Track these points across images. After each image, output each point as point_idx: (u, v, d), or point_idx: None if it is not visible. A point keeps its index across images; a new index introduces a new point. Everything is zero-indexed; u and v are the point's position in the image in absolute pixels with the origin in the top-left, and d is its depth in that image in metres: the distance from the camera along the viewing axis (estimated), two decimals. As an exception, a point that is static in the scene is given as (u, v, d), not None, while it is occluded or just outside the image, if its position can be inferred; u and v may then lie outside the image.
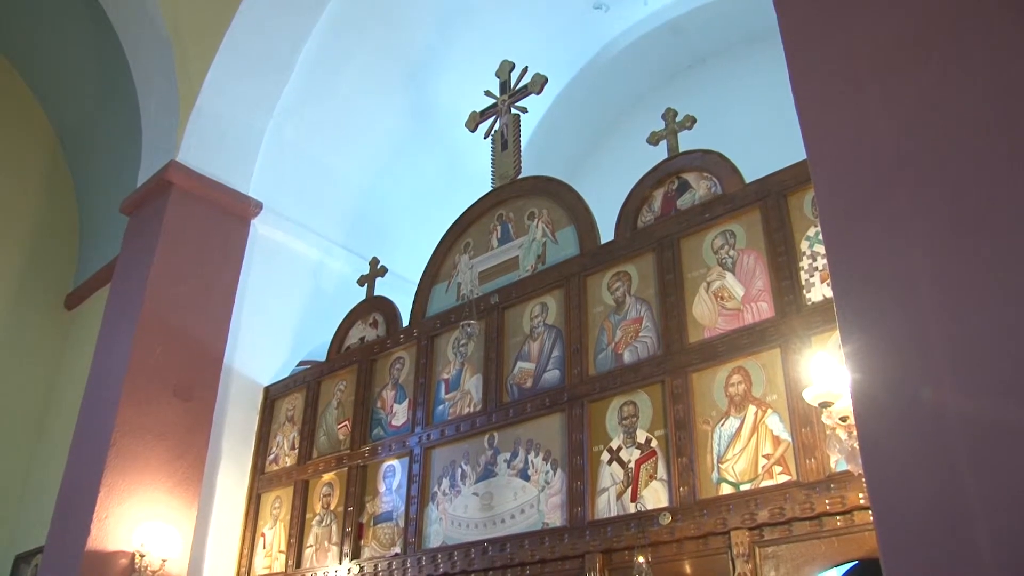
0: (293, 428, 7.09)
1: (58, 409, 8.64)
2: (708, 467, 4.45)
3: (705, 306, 4.84)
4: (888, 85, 3.20)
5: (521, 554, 4.99)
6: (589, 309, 5.37)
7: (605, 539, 4.62)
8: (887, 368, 3.00)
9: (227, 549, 6.95)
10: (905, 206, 3.09)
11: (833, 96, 3.42)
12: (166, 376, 6.75)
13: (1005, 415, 2.67)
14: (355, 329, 7.07)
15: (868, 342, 3.08)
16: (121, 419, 6.39)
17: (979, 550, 2.60)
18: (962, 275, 2.89)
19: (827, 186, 3.39)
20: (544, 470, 5.16)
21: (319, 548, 6.37)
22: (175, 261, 7.15)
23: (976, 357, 2.78)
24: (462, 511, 5.51)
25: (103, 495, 6.14)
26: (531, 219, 6.03)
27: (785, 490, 4.08)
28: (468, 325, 5.87)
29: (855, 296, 3.18)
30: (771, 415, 4.32)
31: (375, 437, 6.36)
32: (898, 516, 2.85)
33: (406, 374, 6.36)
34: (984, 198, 2.90)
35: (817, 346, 4.17)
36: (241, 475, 7.22)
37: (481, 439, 5.60)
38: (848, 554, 3.87)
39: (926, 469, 2.81)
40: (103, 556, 6.01)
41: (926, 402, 2.86)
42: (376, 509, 6.09)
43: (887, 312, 3.05)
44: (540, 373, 5.46)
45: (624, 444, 4.83)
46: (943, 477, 2.75)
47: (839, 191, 3.34)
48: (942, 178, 3.00)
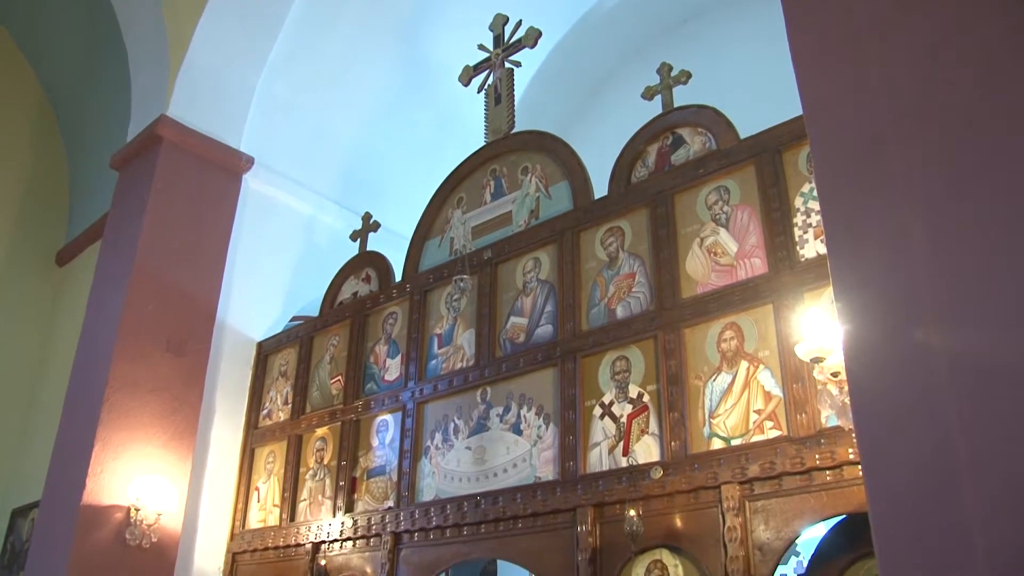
0: (286, 383, 7.11)
1: (52, 365, 8.64)
2: (699, 422, 4.48)
3: (698, 261, 4.83)
4: (886, 41, 3.17)
5: (513, 507, 5.03)
6: (582, 264, 5.36)
7: (597, 493, 4.66)
8: (879, 324, 3.01)
9: (222, 503, 7.00)
10: (900, 162, 3.08)
11: (830, 52, 3.39)
12: (159, 331, 6.74)
13: (996, 371, 2.68)
14: (348, 284, 7.06)
15: (861, 298, 3.09)
16: (114, 374, 6.39)
17: (967, 506, 2.62)
18: (956, 232, 2.88)
19: (823, 141, 3.37)
20: (536, 424, 5.18)
21: (313, 502, 6.41)
22: (166, 216, 7.10)
23: (968, 313, 2.79)
24: (455, 465, 5.55)
25: (97, 450, 6.16)
26: (524, 174, 6.00)
27: (776, 445, 4.11)
28: (461, 280, 5.86)
29: (849, 252, 3.17)
30: (763, 370, 4.34)
31: (368, 392, 6.38)
32: (887, 471, 2.87)
33: (399, 329, 6.36)
34: (978, 154, 2.88)
35: (810, 302, 4.17)
36: (235, 430, 7.25)
37: (474, 394, 5.62)
38: (837, 508, 3.90)
39: (917, 424, 2.82)
40: (98, 510, 6.04)
41: (918, 358, 2.86)
42: (369, 463, 6.12)
43: (880, 268, 3.05)
44: (533, 328, 5.47)
45: (616, 399, 4.85)
46: (933, 433, 2.77)
47: (835, 147, 3.33)
48: (937, 134, 2.99)
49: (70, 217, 9.60)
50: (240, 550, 6.79)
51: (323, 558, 6.08)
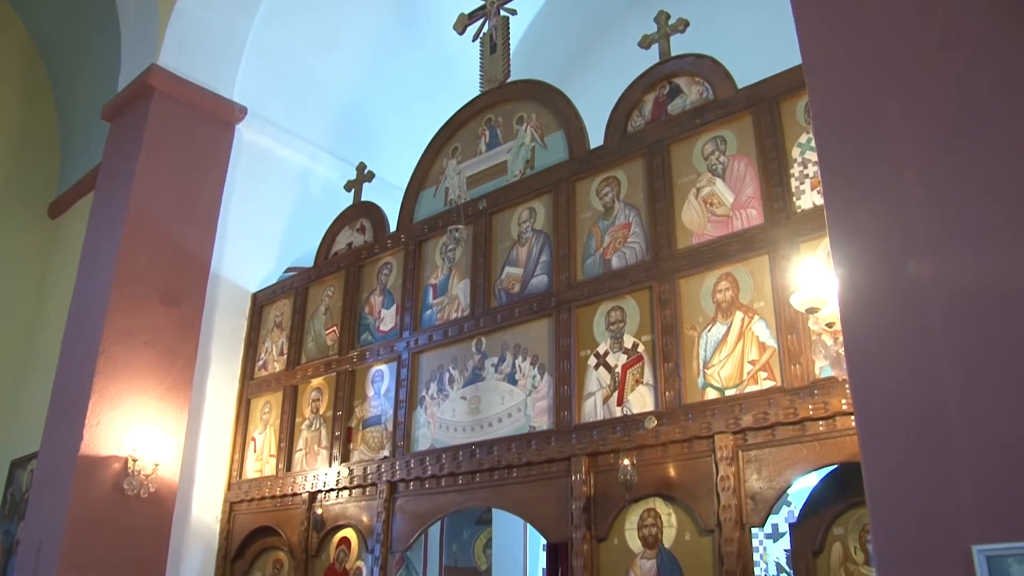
0: (281, 334, 7.11)
1: (47, 317, 8.62)
2: (694, 372, 4.49)
3: (694, 212, 4.81)
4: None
5: (508, 457, 5.06)
6: (577, 214, 5.34)
7: (591, 442, 4.69)
8: (875, 274, 3.01)
9: (218, 453, 7.04)
10: (898, 112, 3.06)
11: (831, 1, 3.35)
12: (153, 283, 6.73)
13: (990, 322, 2.68)
14: (342, 235, 7.03)
15: (857, 248, 3.08)
16: (109, 326, 6.39)
17: (958, 456, 2.65)
18: (952, 182, 2.87)
19: (821, 91, 3.35)
20: (531, 374, 5.20)
21: (309, 452, 6.45)
22: (159, 167, 7.04)
23: (964, 264, 2.79)
24: (450, 415, 5.57)
25: (94, 401, 6.18)
26: (520, 123, 5.94)
27: (769, 395, 4.13)
28: (456, 230, 5.84)
29: (846, 202, 3.17)
30: (757, 321, 4.34)
31: (363, 342, 6.38)
32: (881, 421, 2.89)
33: (394, 279, 6.35)
34: (975, 105, 2.87)
35: (805, 253, 4.17)
36: (230, 381, 7.27)
37: (469, 344, 5.63)
38: (829, 458, 3.93)
39: (911, 374, 2.84)
40: (96, 461, 6.07)
41: (913, 308, 2.87)
42: (365, 413, 6.15)
43: (877, 218, 3.05)
44: (528, 278, 5.46)
45: (611, 349, 4.86)
46: (927, 383, 2.78)
47: (833, 96, 3.31)
48: (936, 85, 2.97)
49: (61, 169, 9.51)
50: (237, 500, 6.84)
51: (319, 507, 6.13)
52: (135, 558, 6.11)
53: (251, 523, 6.67)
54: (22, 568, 6.16)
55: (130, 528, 6.10)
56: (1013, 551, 2.43)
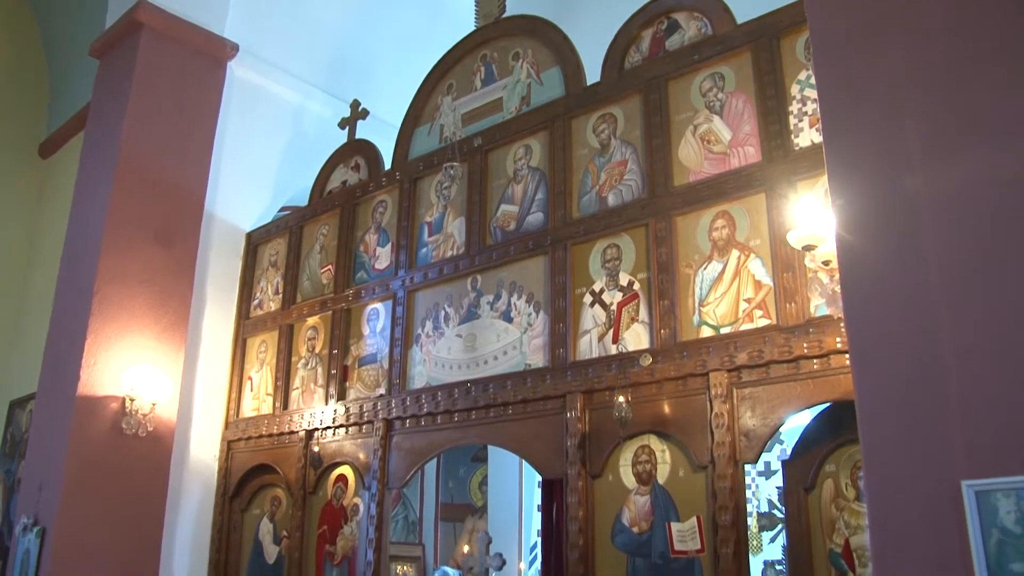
0: (276, 273, 7.10)
1: (41, 258, 8.59)
2: (689, 310, 4.49)
3: (691, 149, 4.77)
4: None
5: (503, 394, 5.09)
6: (573, 151, 5.30)
7: (586, 379, 4.71)
8: (873, 212, 3.00)
9: (215, 393, 7.07)
10: (899, 49, 3.03)
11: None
12: (147, 223, 6.68)
13: (986, 263, 2.68)
14: (337, 173, 6.98)
15: (855, 185, 3.07)
16: (103, 266, 6.36)
17: (951, 394, 2.67)
18: (953, 120, 2.86)
19: (822, 27, 3.31)
20: (527, 312, 5.20)
21: (305, 390, 6.48)
22: (150, 105, 6.95)
23: (963, 201, 2.78)
24: (445, 352, 5.59)
25: (90, 342, 6.17)
26: (515, 60, 5.86)
27: (764, 333, 4.14)
28: (451, 167, 5.80)
29: (845, 139, 3.15)
30: (754, 259, 4.33)
31: (358, 280, 6.38)
32: (875, 358, 2.91)
33: (389, 217, 6.32)
34: (976, 41, 2.84)
35: (803, 191, 4.15)
36: (226, 320, 7.27)
37: (464, 282, 5.62)
38: (823, 396, 3.95)
39: (906, 312, 2.84)
40: (94, 401, 6.09)
41: (910, 247, 2.87)
42: (360, 351, 6.16)
43: (876, 156, 3.04)
44: (523, 216, 5.43)
45: (607, 286, 4.85)
46: (922, 321, 2.79)
47: (834, 33, 3.27)
48: (937, 22, 2.94)
49: (50, 108, 9.38)
50: (235, 438, 6.89)
51: (316, 445, 6.17)
52: (135, 496, 6.16)
53: (249, 461, 6.73)
54: (24, 506, 6.22)
55: (129, 467, 6.15)
56: (1000, 486, 2.47)
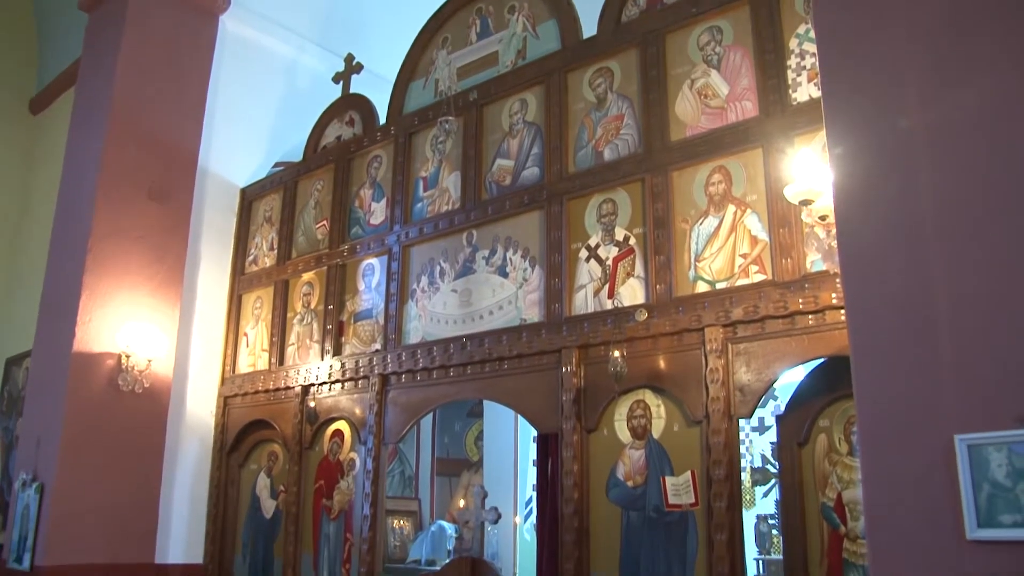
0: (271, 229, 7.07)
1: (34, 215, 8.55)
2: (685, 265, 4.48)
3: (688, 104, 4.73)
4: None
5: (499, 349, 5.09)
6: (570, 106, 5.25)
7: (582, 334, 4.71)
8: (871, 166, 2.99)
9: (211, 349, 7.09)
10: (900, 3, 2.99)
11: None
12: (140, 179, 6.64)
13: (982, 218, 2.68)
14: (331, 128, 6.93)
15: (853, 139, 3.06)
16: (97, 223, 6.34)
17: (944, 348, 2.68)
18: (954, 73, 2.83)
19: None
20: (522, 267, 5.19)
21: (301, 346, 6.48)
22: (141, 59, 6.87)
23: (961, 157, 2.77)
24: (441, 308, 5.58)
25: (85, 299, 6.17)
26: (511, 13, 5.78)
27: (760, 289, 4.14)
28: (446, 122, 5.75)
29: (844, 93, 3.13)
30: (750, 215, 4.31)
31: (354, 236, 6.35)
32: (870, 312, 2.91)
33: (384, 172, 6.28)
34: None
35: (800, 146, 4.11)
36: (221, 277, 7.26)
37: (460, 236, 5.60)
38: (818, 352, 3.95)
39: (901, 267, 2.84)
40: (90, 358, 6.10)
41: (907, 200, 2.86)
42: (356, 307, 6.16)
43: (875, 109, 3.01)
44: (519, 170, 5.40)
45: (602, 241, 4.84)
46: (917, 275, 2.79)
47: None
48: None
49: (40, 63, 9.28)
50: (231, 394, 6.91)
51: (312, 400, 6.20)
52: (133, 452, 6.21)
53: (245, 417, 6.76)
54: (23, 462, 6.26)
55: (126, 423, 6.19)
56: (992, 440, 2.50)
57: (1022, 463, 2.45)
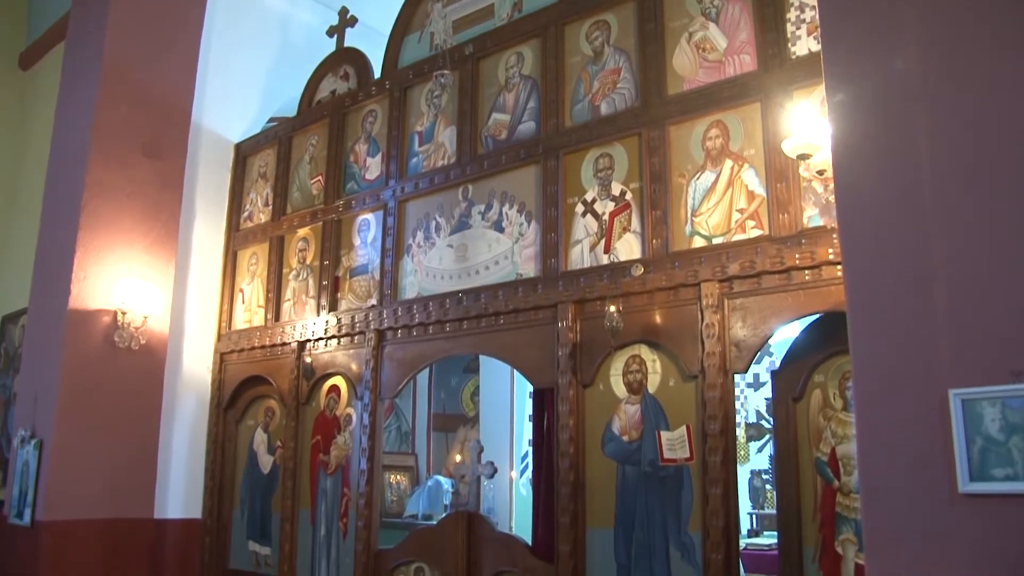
0: (266, 184, 7.03)
1: (27, 171, 8.48)
2: (682, 220, 4.46)
3: (686, 57, 4.68)
4: None
5: (495, 304, 5.09)
6: (566, 59, 5.19)
7: (578, 289, 4.71)
8: (869, 120, 2.98)
9: (207, 305, 7.09)
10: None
11: None
12: (133, 135, 6.57)
13: (978, 173, 2.67)
14: (326, 82, 6.86)
15: (853, 93, 3.04)
16: (90, 179, 6.28)
17: (940, 302, 2.69)
18: (956, 28, 2.80)
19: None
20: (518, 222, 5.16)
21: (297, 302, 6.48)
22: (132, 12, 6.75)
23: (960, 112, 2.75)
24: (437, 263, 5.57)
25: (79, 256, 6.14)
26: (507, -36, 5.71)
27: (757, 244, 4.13)
28: (442, 76, 5.68)
29: (844, 46, 3.09)
30: (747, 170, 4.29)
31: (349, 191, 6.32)
32: (867, 266, 2.91)
33: (379, 127, 6.23)
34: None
35: (799, 101, 4.08)
36: (216, 233, 7.24)
37: (455, 191, 5.57)
38: (814, 307, 3.96)
39: (898, 221, 2.84)
40: (86, 315, 6.09)
41: (905, 154, 2.85)
42: (351, 262, 6.14)
43: (875, 63, 2.99)
44: (515, 125, 5.35)
45: (599, 196, 4.81)
46: (914, 230, 2.78)
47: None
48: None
49: (29, 17, 9.14)
50: (227, 350, 6.92)
51: (309, 356, 6.20)
52: (130, 408, 6.22)
53: (242, 373, 6.77)
54: (21, 419, 6.27)
55: (123, 380, 6.19)
56: (986, 395, 2.52)
57: (1016, 417, 2.47)
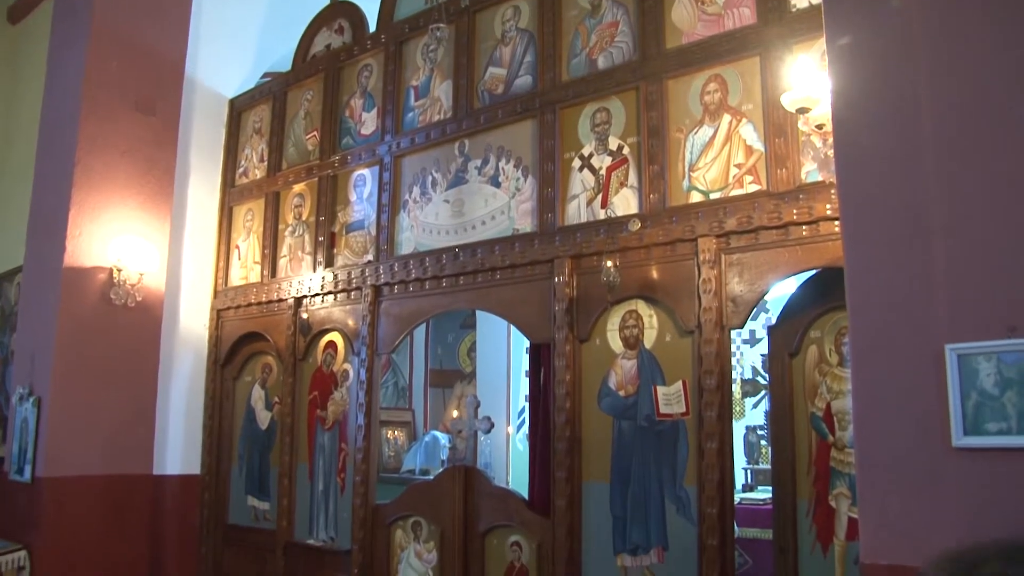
0: (261, 140, 6.98)
1: (19, 128, 8.37)
2: (679, 175, 4.44)
3: (685, 10, 4.63)
4: None
5: (491, 259, 5.08)
6: (563, 12, 5.13)
7: (574, 244, 4.69)
8: (870, 74, 2.96)
9: (203, 262, 7.06)
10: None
11: None
12: (126, 90, 6.48)
13: (980, 130, 2.66)
14: (320, 36, 6.78)
15: (854, 46, 3.01)
16: (83, 136, 6.20)
17: (937, 259, 2.69)
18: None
19: None
20: (515, 177, 5.14)
21: (293, 258, 6.46)
22: (123, -37, 6.65)
23: (961, 71, 2.75)
24: (433, 218, 5.55)
25: (73, 213, 6.08)
26: (504, -85, 5.61)
27: (754, 199, 4.11)
28: (437, 29, 5.62)
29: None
30: (745, 124, 4.26)
31: (344, 146, 6.27)
32: (866, 221, 2.91)
33: (374, 82, 6.17)
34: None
35: (799, 55, 4.03)
36: (211, 189, 7.20)
37: (451, 146, 5.53)
38: (811, 263, 3.95)
39: (897, 177, 2.84)
40: (81, 272, 6.06)
41: (905, 108, 2.84)
42: (348, 218, 6.12)
43: (876, 17, 2.97)
44: (512, 79, 5.30)
45: (596, 151, 4.78)
46: (912, 187, 2.78)
47: None
48: None
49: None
50: (224, 307, 6.91)
51: (305, 312, 6.20)
52: (127, 365, 6.21)
53: (239, 329, 6.78)
54: (19, 376, 6.27)
55: (120, 337, 6.17)
56: (982, 349, 2.55)
57: (1011, 372, 2.48)
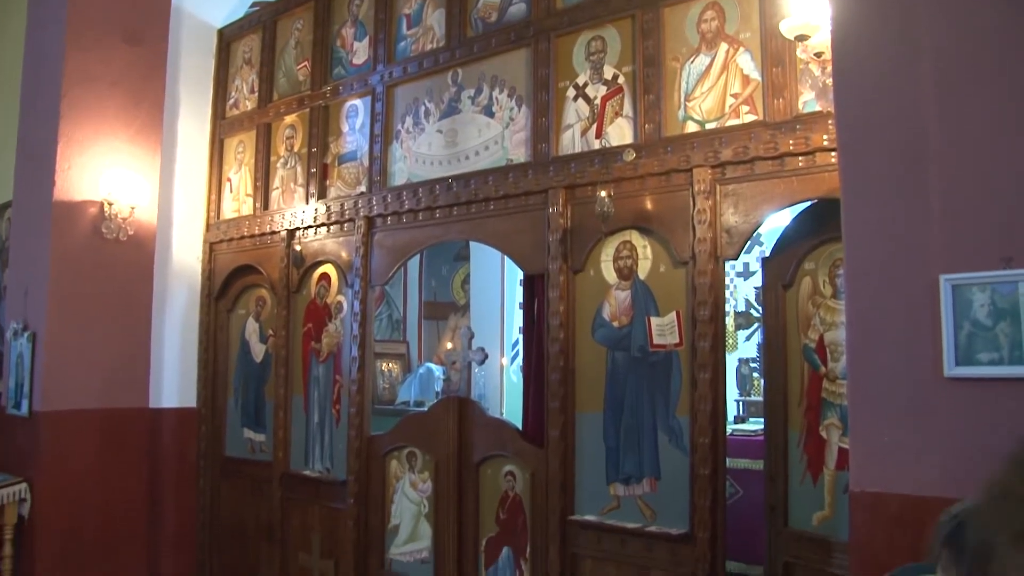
0: (251, 71, 6.87)
1: (5, 63, 8.24)
2: (675, 105, 4.39)
3: (682, -65, 4.52)
4: None
5: (485, 190, 5.05)
6: (558, -63, 5.02)
7: (568, 174, 4.66)
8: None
9: (194, 195, 7.02)
10: None
11: None
12: (112, 21, 6.35)
13: (979, 63, 2.64)
14: (310, -37, 6.64)
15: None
16: (69, 68, 6.10)
17: (932, 193, 2.69)
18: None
19: None
20: (509, 106, 5.07)
21: (285, 190, 6.41)
22: None
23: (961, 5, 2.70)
24: (426, 148, 5.49)
25: (62, 146, 6.02)
26: None
27: (751, 129, 4.07)
28: (429, -45, 5.50)
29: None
30: (742, 53, 4.19)
31: (336, 76, 6.18)
32: (863, 151, 2.90)
33: (365, 10, 6.04)
34: None
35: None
36: (202, 121, 7.11)
37: (444, 75, 5.45)
38: (806, 194, 3.93)
39: (895, 106, 2.82)
40: (71, 206, 6.02)
41: (906, 39, 2.81)
42: (340, 149, 6.06)
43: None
44: (505, 6, 5.19)
45: (591, 80, 4.72)
46: (911, 116, 2.78)
47: None
48: None
49: None
50: (216, 240, 6.88)
51: (298, 244, 6.18)
52: (121, 299, 6.21)
53: (232, 262, 6.76)
54: (13, 312, 6.27)
55: (113, 270, 6.16)
56: (976, 280, 2.57)
57: (1004, 303, 2.49)
